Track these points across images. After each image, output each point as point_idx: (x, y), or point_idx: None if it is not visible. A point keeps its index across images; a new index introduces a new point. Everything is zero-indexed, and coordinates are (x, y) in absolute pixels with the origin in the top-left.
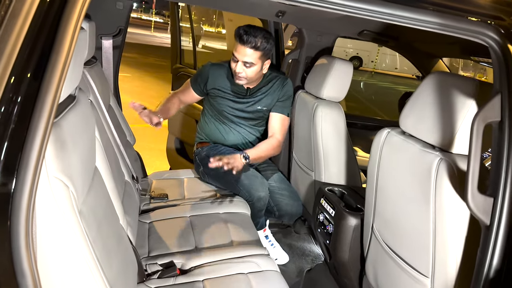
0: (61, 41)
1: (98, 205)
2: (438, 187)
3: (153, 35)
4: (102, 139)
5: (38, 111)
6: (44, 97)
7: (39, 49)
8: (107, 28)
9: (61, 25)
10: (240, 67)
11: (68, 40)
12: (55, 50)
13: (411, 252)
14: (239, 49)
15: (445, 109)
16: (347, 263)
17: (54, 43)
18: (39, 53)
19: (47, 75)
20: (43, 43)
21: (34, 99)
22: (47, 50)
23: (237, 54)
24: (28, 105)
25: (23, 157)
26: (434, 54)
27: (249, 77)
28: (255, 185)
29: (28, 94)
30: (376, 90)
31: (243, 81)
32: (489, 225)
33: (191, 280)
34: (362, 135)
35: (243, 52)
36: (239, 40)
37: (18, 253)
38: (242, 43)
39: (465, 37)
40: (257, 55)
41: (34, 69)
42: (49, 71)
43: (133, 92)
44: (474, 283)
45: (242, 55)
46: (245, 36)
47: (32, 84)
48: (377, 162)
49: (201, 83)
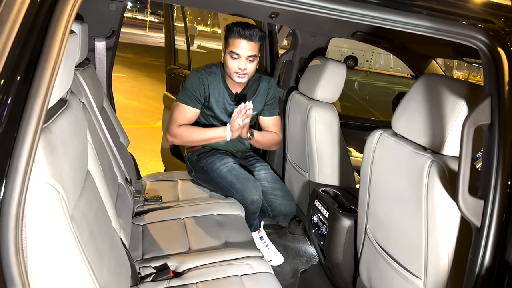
0: (50, 44)
1: (90, 209)
2: (430, 188)
3: (148, 35)
4: (95, 142)
5: (27, 115)
6: (33, 102)
7: (28, 52)
8: (100, 30)
9: (51, 27)
10: (244, 63)
11: (57, 43)
12: (44, 53)
13: (403, 253)
14: (242, 45)
15: (436, 111)
16: (341, 264)
17: (43, 46)
18: (28, 56)
19: (36, 79)
20: (33, 46)
21: (23, 104)
22: (36, 53)
23: (240, 50)
24: (17, 109)
25: (12, 163)
26: (427, 55)
27: (250, 72)
28: (248, 188)
29: (17, 98)
30: (371, 90)
31: (245, 78)
32: (480, 227)
33: (185, 283)
34: (356, 135)
35: (248, 47)
36: (241, 36)
37: (8, 260)
38: (244, 38)
39: (456, 40)
40: (258, 48)
41: (23, 73)
42: (38, 74)
43: (130, 92)
44: (465, 284)
45: (247, 50)
46: (247, 30)
47: (21, 88)
48: (370, 163)
49: (201, 94)
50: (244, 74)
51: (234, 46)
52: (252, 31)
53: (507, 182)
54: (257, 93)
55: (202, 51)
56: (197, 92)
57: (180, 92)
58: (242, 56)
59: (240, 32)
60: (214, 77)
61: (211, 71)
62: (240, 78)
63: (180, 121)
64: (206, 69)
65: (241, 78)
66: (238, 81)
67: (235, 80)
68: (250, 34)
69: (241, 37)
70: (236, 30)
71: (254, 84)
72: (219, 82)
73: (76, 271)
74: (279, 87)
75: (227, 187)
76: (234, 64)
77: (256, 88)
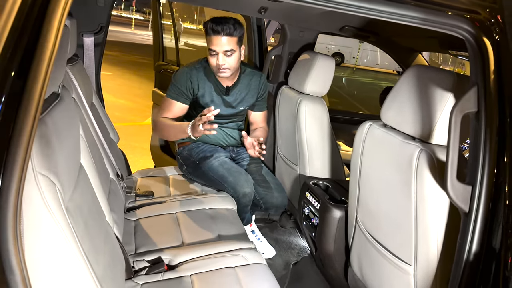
0: (45, 36)
1: (84, 202)
2: (419, 177)
3: (134, 32)
4: (87, 136)
5: (24, 107)
6: (30, 93)
7: (24, 45)
8: (89, 26)
9: (46, 21)
10: (222, 59)
11: (53, 36)
12: (40, 46)
13: (394, 241)
14: (216, 40)
15: (424, 101)
16: (332, 254)
17: (39, 39)
18: (23, 49)
19: (33, 71)
20: (28, 39)
21: (20, 95)
22: (31, 46)
23: (215, 47)
24: (14, 100)
25: (10, 154)
26: (413, 49)
27: (232, 67)
28: (240, 181)
29: (14, 90)
30: (358, 86)
31: (227, 73)
32: (468, 212)
33: (179, 275)
34: (344, 129)
35: (221, 42)
36: (213, 32)
37: (6, 249)
38: (217, 34)
39: (443, 31)
40: (234, 41)
41: (20, 64)
42: (35, 66)
43: (117, 90)
44: (454, 268)
45: (221, 45)
46: (219, 26)
47: (17, 80)
48: (360, 154)
49: (187, 89)
50: (225, 68)
51: (210, 43)
52: (224, 25)
53: (494, 168)
54: (249, 87)
55: (189, 48)
56: (184, 87)
57: (169, 87)
58: (219, 52)
59: (213, 28)
60: (203, 71)
61: (200, 66)
62: (222, 73)
63: (165, 113)
64: (196, 64)
65: (223, 73)
66: (222, 76)
67: (219, 76)
68: (222, 29)
69: (214, 33)
70: (209, 27)
71: (245, 79)
72: (207, 76)
73: (72, 262)
74: (268, 82)
75: (218, 180)
76: (213, 61)
77: (247, 82)
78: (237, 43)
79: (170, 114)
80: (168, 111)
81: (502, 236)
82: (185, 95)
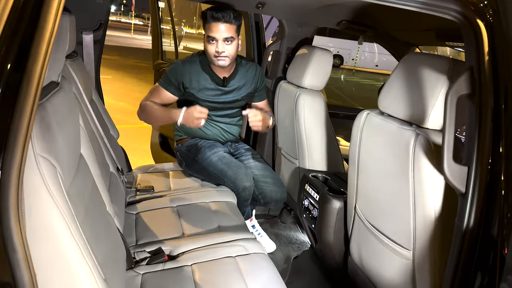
0: (45, 18)
1: (85, 189)
2: (416, 161)
3: (133, 37)
4: (87, 129)
5: (24, 92)
6: (29, 76)
7: (23, 27)
8: (88, 23)
9: (45, 3)
10: (222, 46)
11: (52, 18)
12: (39, 28)
13: (392, 227)
14: (215, 27)
15: (420, 87)
16: (332, 245)
17: (38, 21)
18: (23, 31)
19: (32, 52)
20: (27, 20)
21: (20, 78)
22: (31, 28)
23: (215, 34)
24: (14, 86)
25: (10, 136)
26: (410, 43)
27: (231, 55)
28: (239, 175)
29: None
30: (358, 88)
31: (226, 61)
32: (465, 192)
33: (179, 265)
34: (344, 124)
35: (221, 29)
36: (213, 19)
37: (9, 228)
38: (217, 21)
39: (436, 14)
40: (234, 29)
41: (18, 50)
42: (34, 48)
43: (117, 93)
44: (452, 249)
45: (221, 32)
46: (219, 13)
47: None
48: (358, 143)
49: (178, 82)
50: (224, 56)
51: (209, 30)
52: (225, 12)
53: (489, 148)
54: (246, 77)
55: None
56: (174, 79)
57: (162, 75)
58: (219, 39)
59: (214, 15)
60: (195, 64)
61: (192, 60)
62: (220, 61)
63: (153, 98)
64: (188, 58)
65: (221, 61)
66: (220, 64)
67: (216, 64)
68: (223, 15)
69: (215, 20)
70: (209, 14)
71: (242, 69)
72: (199, 69)
73: (73, 245)
74: (267, 77)
75: (218, 175)
76: (212, 48)
77: (244, 73)
78: (236, 31)
79: (158, 100)
80: (157, 97)
81: (498, 215)
82: (175, 87)
